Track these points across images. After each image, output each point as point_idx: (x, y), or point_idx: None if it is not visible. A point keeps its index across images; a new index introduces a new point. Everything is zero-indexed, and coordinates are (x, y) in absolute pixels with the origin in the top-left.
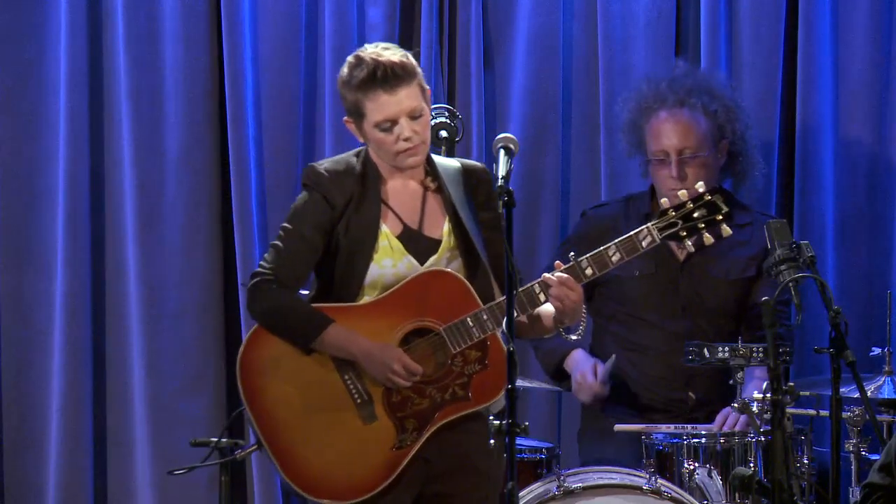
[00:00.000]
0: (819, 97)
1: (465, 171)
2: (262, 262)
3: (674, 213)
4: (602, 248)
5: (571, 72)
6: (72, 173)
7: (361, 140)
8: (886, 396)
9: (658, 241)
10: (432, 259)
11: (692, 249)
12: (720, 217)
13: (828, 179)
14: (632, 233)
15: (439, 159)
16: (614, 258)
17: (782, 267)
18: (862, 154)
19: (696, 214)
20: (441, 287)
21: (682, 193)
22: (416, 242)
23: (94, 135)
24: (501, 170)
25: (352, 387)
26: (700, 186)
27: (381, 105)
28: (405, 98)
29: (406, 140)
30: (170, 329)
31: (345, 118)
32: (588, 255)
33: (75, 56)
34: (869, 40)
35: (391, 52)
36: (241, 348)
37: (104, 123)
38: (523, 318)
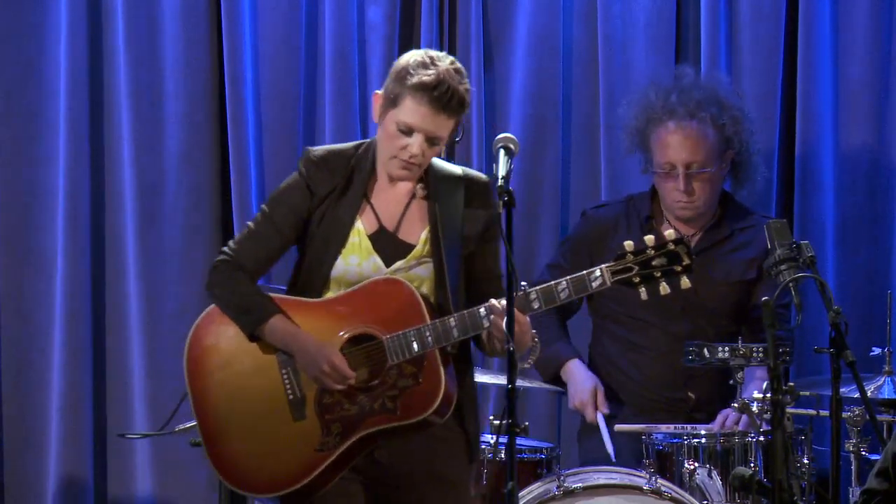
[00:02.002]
0: (819, 97)
1: (466, 181)
2: (229, 242)
3: (632, 258)
4: (553, 282)
5: (571, 72)
6: (72, 173)
7: (376, 120)
8: (886, 396)
9: (609, 284)
10: (399, 263)
11: (645, 297)
12: (679, 269)
13: (828, 180)
14: (584, 272)
15: (442, 165)
16: (563, 294)
17: (782, 267)
18: (862, 154)
19: (654, 263)
20: (393, 296)
21: (649, 239)
22: (388, 244)
23: (94, 135)
24: (501, 170)
25: (287, 382)
26: (670, 234)
27: (417, 113)
28: (440, 123)
29: (411, 155)
30: (170, 329)
31: (377, 91)
32: (538, 287)
33: (75, 56)
34: (869, 40)
35: (460, 80)
36: (195, 323)
37: (104, 123)
38: (483, 333)
